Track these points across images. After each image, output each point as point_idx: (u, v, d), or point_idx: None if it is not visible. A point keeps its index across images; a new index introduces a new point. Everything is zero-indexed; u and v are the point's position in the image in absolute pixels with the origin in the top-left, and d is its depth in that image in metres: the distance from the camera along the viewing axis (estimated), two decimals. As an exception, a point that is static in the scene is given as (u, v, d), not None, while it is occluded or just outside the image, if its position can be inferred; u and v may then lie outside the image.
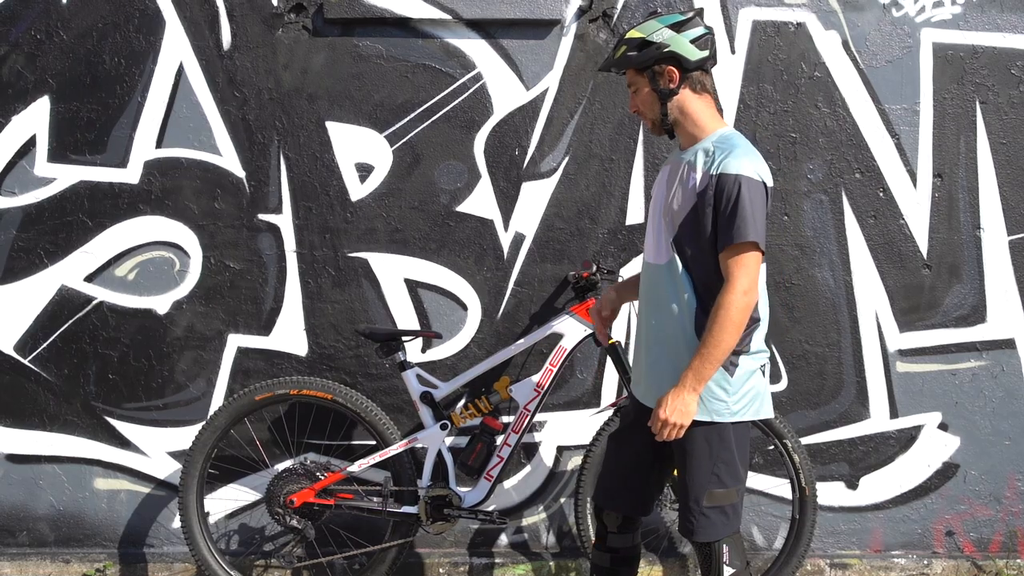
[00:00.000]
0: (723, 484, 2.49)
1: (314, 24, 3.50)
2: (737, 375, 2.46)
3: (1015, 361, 3.60)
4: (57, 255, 3.56)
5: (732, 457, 2.49)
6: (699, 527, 2.51)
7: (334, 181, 3.55)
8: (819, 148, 3.54)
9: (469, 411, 3.28)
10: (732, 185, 2.35)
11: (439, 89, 3.52)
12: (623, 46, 2.50)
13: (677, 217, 2.45)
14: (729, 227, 2.34)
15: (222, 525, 3.66)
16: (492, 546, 3.69)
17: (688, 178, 2.44)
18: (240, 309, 3.59)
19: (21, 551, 3.66)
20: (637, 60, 2.46)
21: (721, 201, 2.36)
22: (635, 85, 2.53)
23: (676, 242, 2.46)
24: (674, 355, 2.47)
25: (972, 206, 3.56)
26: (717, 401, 2.45)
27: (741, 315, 2.35)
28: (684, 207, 2.44)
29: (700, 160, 2.43)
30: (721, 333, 2.34)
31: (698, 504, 2.49)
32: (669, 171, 2.57)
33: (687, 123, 2.49)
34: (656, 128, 2.54)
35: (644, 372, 2.58)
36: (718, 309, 2.34)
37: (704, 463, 2.48)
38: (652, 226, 2.58)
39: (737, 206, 2.34)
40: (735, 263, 2.35)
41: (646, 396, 2.57)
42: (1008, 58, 3.51)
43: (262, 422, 3.58)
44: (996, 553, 3.68)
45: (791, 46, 3.51)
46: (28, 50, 3.50)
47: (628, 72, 2.53)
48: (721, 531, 2.52)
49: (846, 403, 3.62)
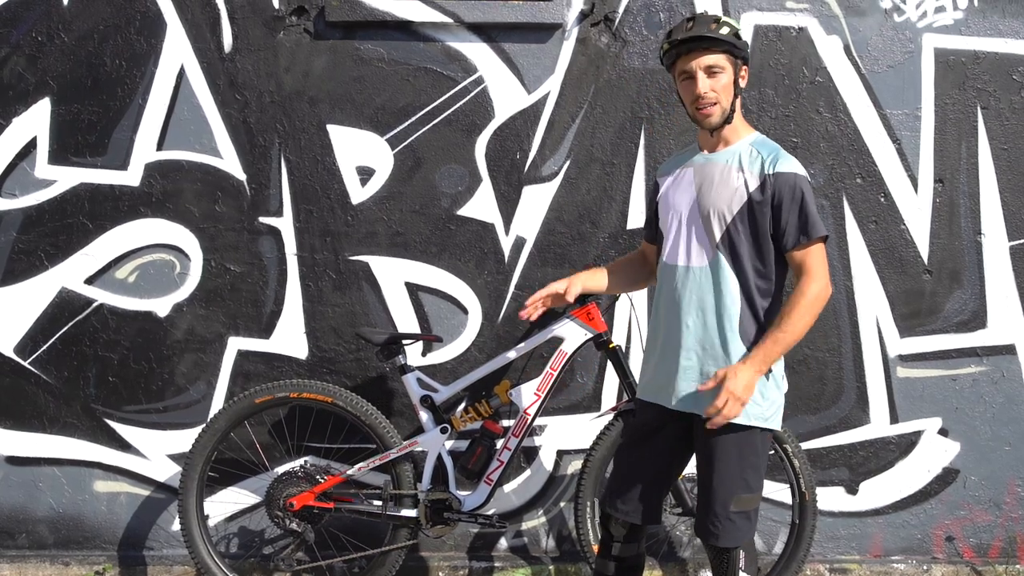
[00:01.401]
0: (751, 489, 2.49)
1: (315, 27, 3.50)
2: (771, 381, 2.47)
3: (1015, 367, 3.60)
4: (57, 257, 3.56)
5: (759, 461, 2.50)
6: (724, 532, 2.49)
7: (335, 184, 3.55)
8: (820, 153, 3.54)
9: (469, 415, 3.27)
10: (793, 183, 2.41)
11: (440, 92, 3.51)
12: (725, 26, 2.44)
13: (723, 218, 2.45)
14: (802, 224, 2.41)
15: (222, 528, 3.66)
16: (492, 550, 3.68)
17: (733, 178, 2.45)
18: (240, 312, 3.59)
19: (20, 553, 3.66)
20: (739, 47, 2.45)
21: (783, 199, 2.41)
22: (720, 69, 2.44)
23: (725, 242, 2.44)
24: (713, 357, 2.46)
25: (973, 211, 3.55)
26: (755, 406, 2.44)
27: (820, 305, 2.40)
28: (732, 207, 2.44)
29: (745, 161, 2.46)
30: (800, 320, 2.37)
31: (725, 509, 2.47)
32: (693, 173, 2.54)
33: (734, 124, 2.51)
34: (717, 119, 2.47)
35: (674, 376, 2.51)
36: (800, 296, 2.38)
37: (734, 467, 2.46)
38: (683, 229, 2.53)
39: (804, 203, 2.42)
40: (812, 256, 2.42)
41: (677, 401, 2.51)
42: (1010, 63, 3.51)
43: (262, 425, 3.58)
44: (996, 559, 3.68)
45: (793, 51, 3.51)
46: (29, 52, 3.50)
47: (713, 55, 2.43)
48: (743, 536, 2.51)
49: (846, 408, 3.61)
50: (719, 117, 2.47)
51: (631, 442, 2.69)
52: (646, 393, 2.64)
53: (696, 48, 2.43)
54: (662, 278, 2.60)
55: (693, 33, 2.42)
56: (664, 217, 2.61)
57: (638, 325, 3.51)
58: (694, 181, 2.54)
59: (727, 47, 2.43)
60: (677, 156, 2.72)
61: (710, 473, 2.49)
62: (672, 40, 2.45)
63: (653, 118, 3.53)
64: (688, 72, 2.46)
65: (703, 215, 2.49)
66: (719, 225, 2.46)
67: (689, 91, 2.47)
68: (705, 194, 2.50)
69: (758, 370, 2.37)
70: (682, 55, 2.46)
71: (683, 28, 2.45)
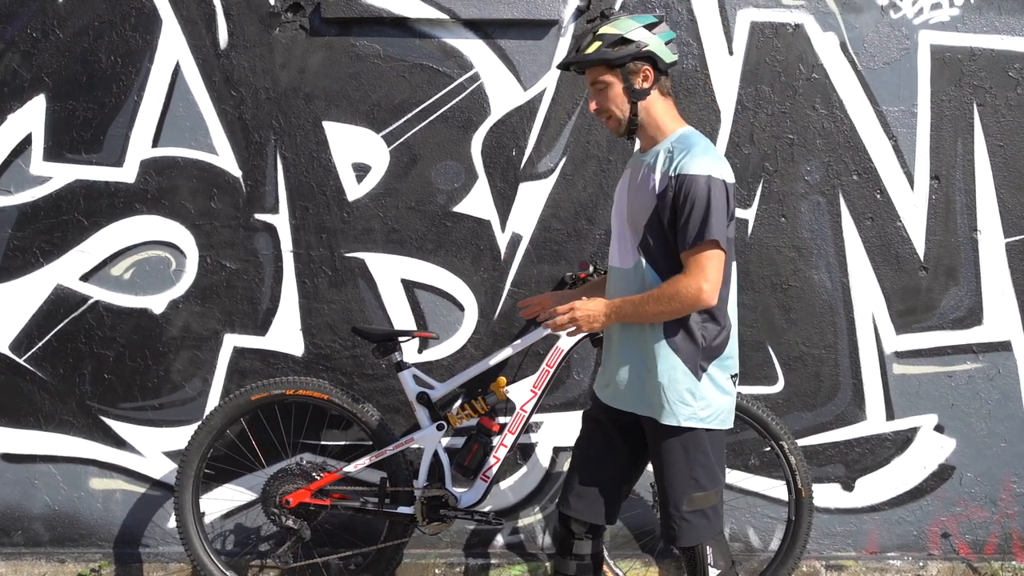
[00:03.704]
0: (702, 487, 2.51)
1: (311, 23, 3.49)
2: (705, 382, 2.48)
3: (1011, 363, 3.60)
4: (53, 254, 3.55)
5: (709, 460, 2.52)
6: (681, 532, 2.53)
7: (331, 181, 3.54)
8: (817, 150, 3.54)
9: (465, 412, 3.27)
10: (690, 185, 2.36)
11: (436, 89, 3.51)
12: (597, 41, 2.46)
13: (640, 220, 2.47)
14: (691, 227, 2.36)
15: (218, 525, 3.65)
16: (488, 547, 3.68)
17: (648, 180, 2.46)
18: (236, 309, 3.58)
19: (16, 551, 3.66)
20: (614, 57, 2.45)
21: (680, 201, 2.38)
22: (604, 83, 2.47)
23: (642, 245, 2.47)
24: (643, 357, 2.50)
25: (969, 208, 3.56)
26: (684, 406, 2.47)
27: (685, 304, 2.38)
28: (646, 209, 2.45)
29: (660, 161, 2.45)
30: (657, 305, 2.40)
31: (678, 510, 2.52)
32: (630, 174, 2.58)
33: (651, 125, 2.51)
34: (620, 129, 2.51)
35: (616, 376, 2.58)
36: (670, 285, 2.38)
37: (682, 468, 2.50)
38: (617, 231, 2.59)
39: (696, 206, 2.35)
40: (695, 262, 2.38)
41: (618, 400, 2.59)
42: (1006, 60, 3.51)
43: (258, 422, 3.57)
44: (991, 555, 3.68)
45: (789, 47, 3.50)
46: (24, 48, 3.49)
47: (595, 70, 2.48)
48: (703, 534, 2.54)
49: (842, 405, 3.62)
50: (620, 128, 2.52)
51: (587, 442, 2.73)
52: (598, 389, 2.70)
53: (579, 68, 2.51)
54: (607, 278, 2.67)
55: (567, 60, 2.52)
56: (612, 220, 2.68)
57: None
58: (628, 183, 2.58)
59: (607, 60, 2.44)
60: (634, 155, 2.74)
61: (662, 476, 2.55)
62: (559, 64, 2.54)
63: (649, 115, 3.52)
64: (590, 84, 2.53)
65: (627, 218, 2.53)
66: (638, 227, 2.49)
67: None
68: (631, 196, 2.54)
69: (606, 313, 2.47)
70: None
71: (579, 43, 2.51)
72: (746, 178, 3.54)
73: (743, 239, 3.55)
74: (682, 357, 2.46)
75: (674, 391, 2.46)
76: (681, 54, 3.50)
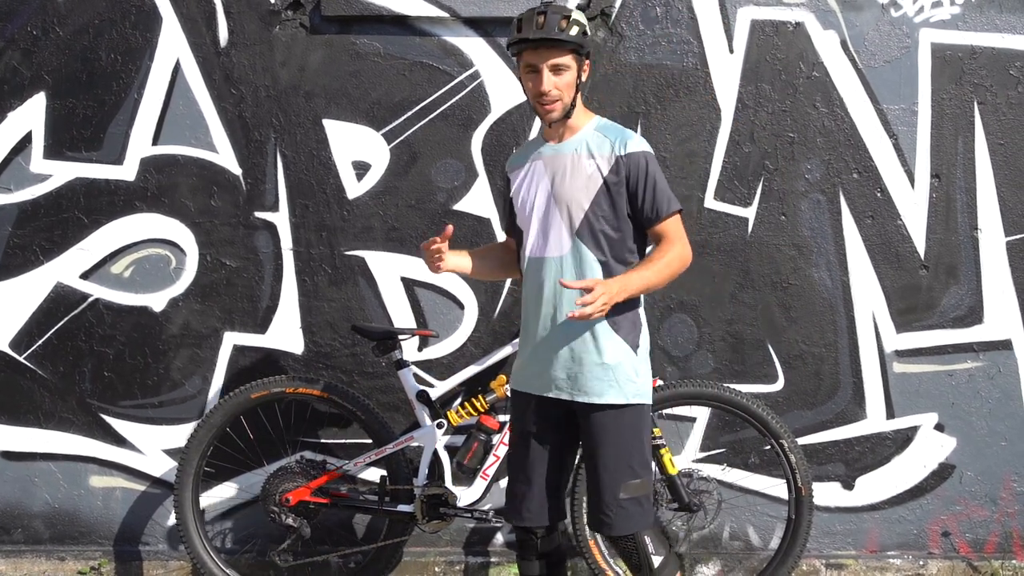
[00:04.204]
0: (637, 475, 2.53)
1: (311, 21, 3.49)
2: (641, 357, 2.57)
3: (1012, 362, 3.60)
4: (53, 252, 3.55)
5: (642, 446, 2.56)
6: (617, 520, 2.53)
7: (331, 179, 3.54)
8: (817, 148, 3.53)
9: (465, 410, 3.27)
10: (641, 161, 2.50)
11: (436, 87, 3.51)
12: (575, 26, 2.46)
13: (581, 204, 2.50)
14: (658, 201, 2.50)
15: (218, 523, 3.65)
16: (488, 545, 3.68)
17: (584, 165, 2.51)
18: (236, 307, 3.58)
19: (16, 548, 3.66)
20: (585, 46, 2.50)
21: (636, 179, 2.49)
22: (566, 68, 2.47)
23: (580, 230, 2.50)
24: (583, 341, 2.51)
25: (970, 207, 3.55)
26: (631, 383, 2.52)
27: (682, 264, 2.53)
28: (588, 193, 2.50)
29: (594, 146, 2.52)
30: (667, 269, 2.48)
31: (616, 497, 2.51)
32: (544, 165, 2.58)
33: (577, 115, 2.56)
34: (557, 115, 2.51)
35: (549, 365, 2.55)
36: (668, 250, 2.49)
37: (621, 454, 2.51)
38: (539, 222, 2.57)
39: (657, 179, 2.51)
40: (676, 229, 2.54)
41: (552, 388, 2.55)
42: (1007, 59, 3.50)
43: (258, 420, 3.58)
44: (992, 554, 3.68)
45: (789, 46, 3.50)
46: (24, 46, 3.49)
47: (560, 52, 2.45)
48: (638, 523, 2.54)
49: (842, 403, 3.61)
50: (560, 113, 2.51)
51: (519, 449, 2.68)
52: (520, 383, 2.67)
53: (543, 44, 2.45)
54: (528, 272, 2.62)
55: (544, 34, 2.43)
56: (521, 213, 2.64)
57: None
58: (546, 173, 2.58)
59: (574, 46, 2.46)
60: (524, 149, 2.73)
61: (596, 461, 2.54)
62: (523, 37, 2.45)
63: (649, 112, 3.52)
64: (534, 67, 2.48)
65: (560, 205, 2.53)
66: (577, 213, 2.51)
67: (532, 85, 2.49)
68: (559, 185, 2.54)
69: (619, 290, 2.38)
70: (529, 48, 2.47)
71: (534, 23, 2.45)
72: (746, 176, 3.54)
73: (743, 237, 3.55)
74: (622, 336, 2.53)
75: (622, 371, 2.51)
76: (681, 52, 3.50)
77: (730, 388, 3.33)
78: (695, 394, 3.31)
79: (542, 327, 2.57)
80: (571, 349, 2.53)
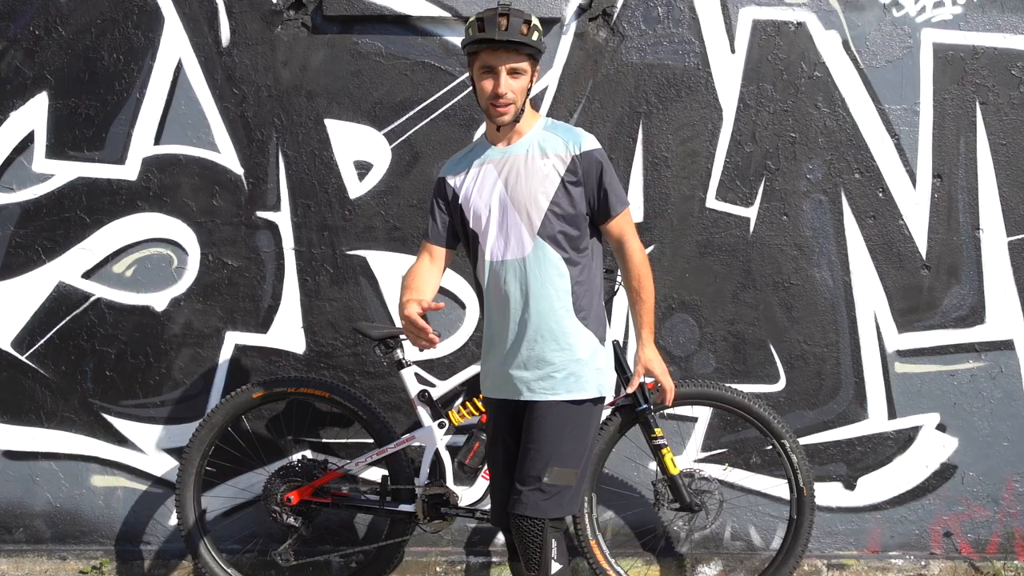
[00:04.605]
0: (567, 463, 2.50)
1: (313, 21, 3.50)
2: (607, 347, 2.62)
3: (1014, 362, 3.60)
4: (55, 251, 3.56)
5: (585, 439, 2.56)
6: (530, 499, 2.46)
7: (333, 179, 3.54)
8: (819, 148, 3.53)
9: (467, 410, 3.27)
10: (597, 160, 2.54)
11: (438, 87, 3.51)
12: (536, 31, 2.48)
13: (541, 204, 2.50)
14: (613, 197, 2.57)
15: (219, 522, 3.65)
16: (489, 545, 3.68)
17: (539, 166, 2.52)
18: (238, 307, 3.58)
19: (18, 548, 3.66)
20: (541, 51, 2.53)
21: (592, 177, 2.53)
22: (523, 72, 2.49)
23: (542, 230, 2.50)
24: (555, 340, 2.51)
25: (971, 207, 3.55)
26: (599, 374, 2.56)
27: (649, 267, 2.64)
28: (547, 192, 2.51)
29: (548, 146, 2.54)
30: (650, 280, 2.62)
31: (538, 478, 2.47)
32: (494, 169, 2.56)
33: (527, 116, 2.58)
34: (509, 118, 2.50)
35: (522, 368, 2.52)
36: (638, 263, 2.61)
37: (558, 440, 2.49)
38: (497, 226, 2.54)
39: (612, 175, 2.58)
40: (627, 225, 2.62)
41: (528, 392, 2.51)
42: (1008, 59, 3.50)
43: (260, 420, 3.58)
44: (993, 554, 3.67)
45: (791, 46, 3.50)
46: (27, 46, 3.50)
47: (519, 56, 2.46)
48: (550, 510, 2.48)
49: (844, 403, 3.61)
50: (511, 117, 2.51)
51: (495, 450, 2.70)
52: (491, 390, 2.65)
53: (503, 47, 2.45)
54: (490, 278, 2.57)
55: (508, 36, 2.43)
56: (476, 220, 2.58)
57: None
58: (498, 177, 2.56)
59: (532, 51, 2.48)
60: (465, 154, 2.69)
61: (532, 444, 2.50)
62: (484, 38, 2.43)
63: (651, 113, 3.52)
64: (490, 67, 2.47)
65: (518, 208, 2.53)
66: (536, 214, 2.51)
67: (488, 86, 2.48)
68: (515, 187, 2.53)
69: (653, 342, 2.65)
70: (487, 50, 2.46)
71: (496, 24, 2.43)
72: (748, 176, 3.54)
73: (745, 237, 3.55)
74: (592, 330, 2.56)
75: (592, 363, 2.54)
76: (683, 52, 3.50)
77: (732, 388, 3.33)
78: (697, 394, 3.30)
79: (511, 332, 2.54)
80: (543, 351, 2.51)
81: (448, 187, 2.65)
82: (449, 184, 2.64)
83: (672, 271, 3.56)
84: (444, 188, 2.66)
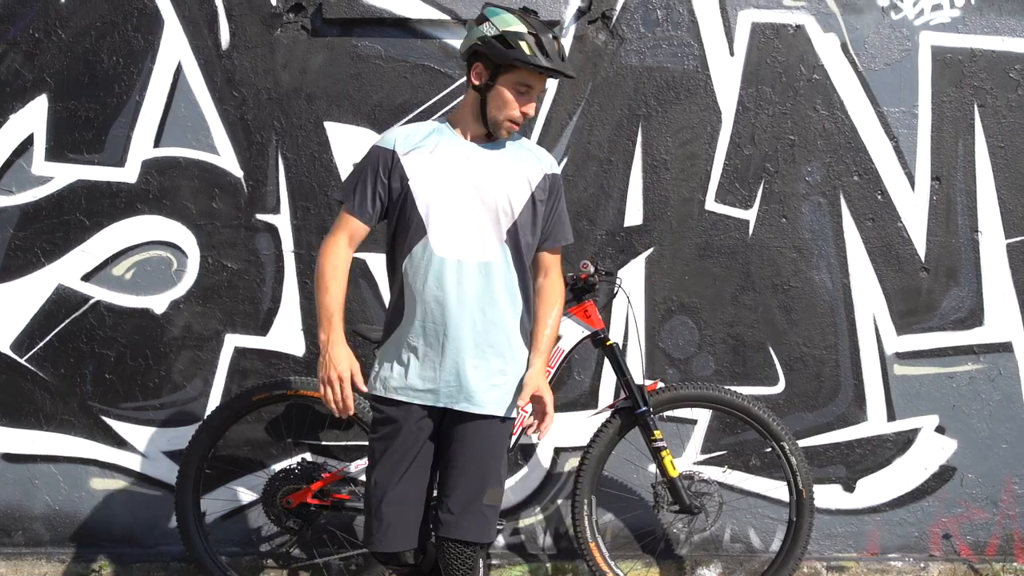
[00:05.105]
0: (499, 483, 2.49)
1: (313, 24, 3.50)
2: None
3: (1012, 364, 3.60)
4: (54, 254, 3.56)
5: (504, 456, 2.53)
6: (476, 525, 2.41)
7: (332, 181, 3.54)
8: (817, 151, 3.54)
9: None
10: (560, 185, 2.58)
11: (438, 89, 3.51)
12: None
13: (513, 209, 2.44)
14: (566, 227, 2.60)
15: (218, 525, 3.65)
16: (489, 547, 3.67)
17: (516, 172, 2.45)
18: (237, 309, 3.58)
19: (17, 551, 3.65)
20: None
21: (555, 201, 2.55)
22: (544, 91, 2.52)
23: (509, 237, 2.44)
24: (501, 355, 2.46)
25: (970, 209, 3.56)
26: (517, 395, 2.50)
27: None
28: (519, 200, 2.45)
29: (525, 160, 2.49)
30: (560, 318, 2.60)
31: (479, 502, 2.41)
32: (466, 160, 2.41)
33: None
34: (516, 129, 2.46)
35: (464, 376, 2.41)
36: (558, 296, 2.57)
37: (493, 459, 2.46)
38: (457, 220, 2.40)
39: (564, 206, 2.60)
40: (558, 263, 2.60)
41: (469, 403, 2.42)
42: (1007, 61, 3.51)
43: (259, 422, 3.57)
44: (993, 556, 3.68)
45: (790, 48, 3.51)
46: (26, 49, 3.50)
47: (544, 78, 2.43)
48: (490, 533, 2.47)
49: (843, 406, 3.61)
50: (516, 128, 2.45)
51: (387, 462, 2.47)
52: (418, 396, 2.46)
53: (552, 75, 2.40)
54: (431, 271, 2.40)
55: (567, 69, 2.40)
56: (425, 207, 2.39)
57: (635, 322, 3.51)
58: (467, 170, 2.41)
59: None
60: (425, 135, 2.46)
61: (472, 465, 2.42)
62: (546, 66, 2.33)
63: (650, 115, 3.53)
64: (529, 86, 2.39)
65: (488, 208, 2.41)
66: (505, 220, 2.43)
67: (519, 104, 2.38)
68: (486, 186, 2.41)
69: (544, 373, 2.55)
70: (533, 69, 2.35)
71: (554, 48, 2.35)
72: (747, 179, 3.54)
73: (744, 240, 3.56)
74: (526, 346, 2.54)
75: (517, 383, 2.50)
76: (682, 55, 3.51)
77: (731, 390, 3.33)
78: (696, 396, 3.30)
79: (456, 339, 2.41)
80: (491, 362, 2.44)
81: (398, 162, 2.40)
82: (400, 160, 2.40)
83: (671, 273, 3.57)
84: (392, 162, 2.41)
